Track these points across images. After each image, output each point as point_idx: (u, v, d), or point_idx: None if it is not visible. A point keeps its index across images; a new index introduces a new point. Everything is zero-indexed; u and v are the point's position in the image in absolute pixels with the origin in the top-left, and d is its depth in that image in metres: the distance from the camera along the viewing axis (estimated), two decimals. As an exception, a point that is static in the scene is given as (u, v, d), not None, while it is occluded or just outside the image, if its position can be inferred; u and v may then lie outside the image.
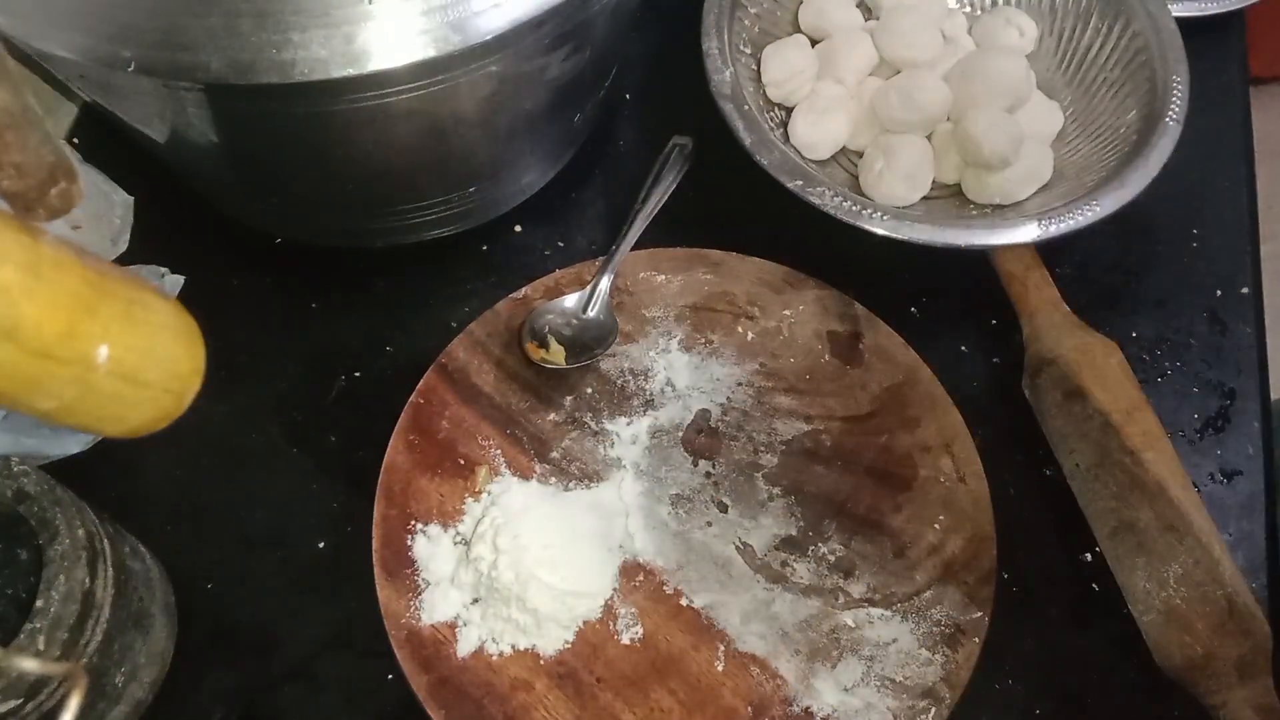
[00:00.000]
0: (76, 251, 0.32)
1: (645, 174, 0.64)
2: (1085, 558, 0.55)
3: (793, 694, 0.50)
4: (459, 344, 0.59)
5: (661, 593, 0.52)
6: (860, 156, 0.66)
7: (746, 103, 0.62)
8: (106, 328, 0.32)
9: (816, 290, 0.60)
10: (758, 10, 0.68)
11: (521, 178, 0.64)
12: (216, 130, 0.52)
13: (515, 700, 0.50)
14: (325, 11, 0.44)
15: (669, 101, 0.71)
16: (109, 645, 0.45)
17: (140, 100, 0.51)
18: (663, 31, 0.72)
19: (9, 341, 0.29)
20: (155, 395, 0.35)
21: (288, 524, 0.56)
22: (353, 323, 0.63)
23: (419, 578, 0.52)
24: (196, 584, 0.54)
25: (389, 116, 0.50)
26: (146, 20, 0.45)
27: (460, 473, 0.55)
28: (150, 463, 0.58)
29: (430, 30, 0.45)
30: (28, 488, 0.44)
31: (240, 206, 0.65)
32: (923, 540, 0.54)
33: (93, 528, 0.45)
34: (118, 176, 0.65)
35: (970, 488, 0.55)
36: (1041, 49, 0.69)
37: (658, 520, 0.54)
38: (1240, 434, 0.58)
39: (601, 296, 0.60)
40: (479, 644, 0.51)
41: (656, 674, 0.50)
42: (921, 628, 0.51)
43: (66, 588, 0.42)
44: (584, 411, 0.57)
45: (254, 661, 0.53)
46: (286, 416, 0.60)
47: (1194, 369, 0.61)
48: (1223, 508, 0.53)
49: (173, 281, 0.62)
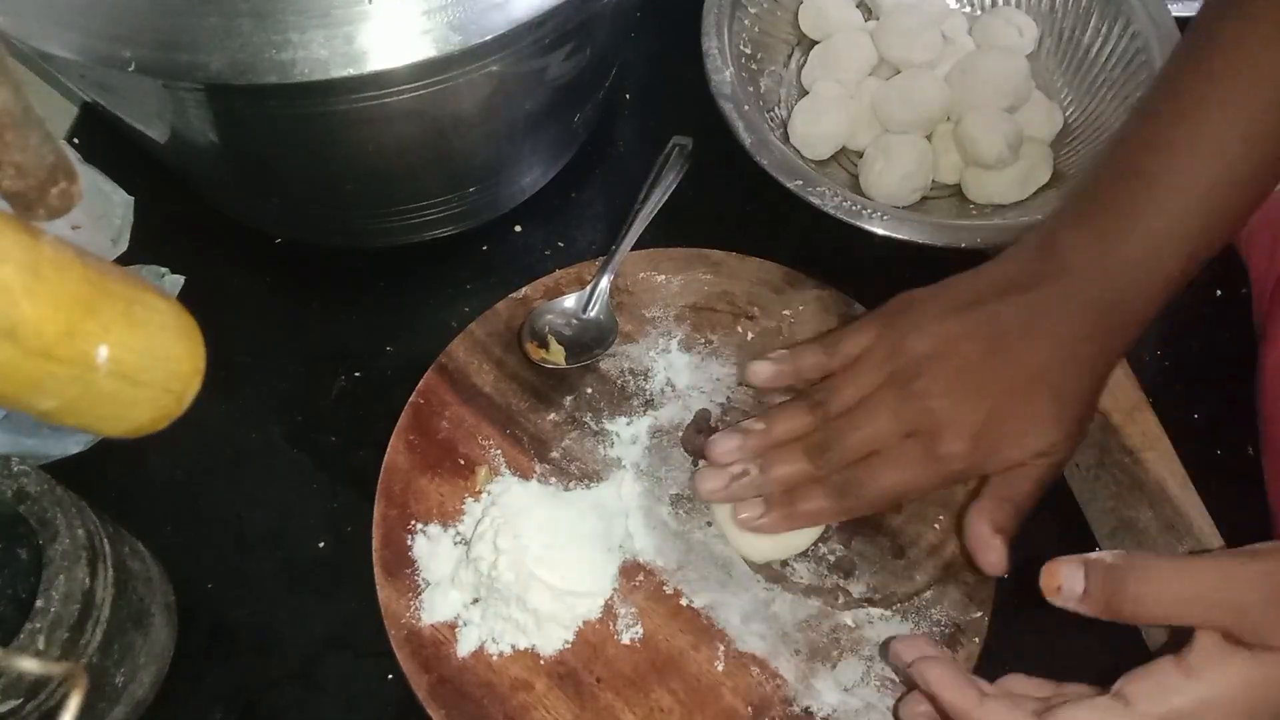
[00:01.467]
0: (76, 251, 0.32)
1: (645, 174, 0.64)
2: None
3: (793, 694, 0.50)
4: (459, 344, 0.59)
5: (661, 593, 0.52)
6: (860, 156, 0.66)
7: (746, 103, 0.62)
8: (107, 328, 0.32)
9: (816, 290, 0.60)
10: (757, 10, 0.68)
11: (521, 178, 0.64)
12: (216, 130, 0.52)
13: (515, 700, 0.50)
14: (325, 11, 0.44)
15: (669, 101, 0.71)
16: (109, 645, 0.45)
17: (140, 100, 0.51)
18: (663, 32, 0.72)
19: (9, 341, 0.29)
20: (155, 395, 0.35)
21: (288, 524, 0.56)
22: (353, 323, 0.63)
23: (419, 578, 0.52)
24: (196, 584, 0.54)
25: (389, 117, 0.50)
26: (147, 20, 0.45)
27: (460, 473, 0.55)
28: (150, 463, 0.58)
29: (430, 30, 0.45)
30: (28, 487, 0.44)
31: (240, 207, 0.65)
32: (922, 540, 0.54)
33: (93, 527, 0.45)
34: (118, 177, 0.65)
35: (970, 487, 0.55)
36: (1041, 49, 0.69)
37: (658, 520, 0.54)
38: (1240, 434, 0.58)
39: (601, 296, 0.60)
40: (479, 644, 0.51)
41: (656, 674, 0.50)
42: (921, 628, 0.51)
43: (66, 587, 0.42)
44: (584, 411, 0.57)
45: (254, 661, 0.53)
46: (287, 416, 0.60)
47: (1193, 369, 0.61)
48: (1222, 507, 0.53)
49: (173, 281, 0.62)
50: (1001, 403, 0.48)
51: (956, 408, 0.48)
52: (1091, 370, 0.48)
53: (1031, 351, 0.48)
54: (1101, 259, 0.47)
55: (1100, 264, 0.47)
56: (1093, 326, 0.47)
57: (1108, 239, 0.47)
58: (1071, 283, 0.47)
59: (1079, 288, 0.47)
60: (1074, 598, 0.42)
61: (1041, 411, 0.47)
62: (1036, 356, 0.47)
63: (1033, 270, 0.49)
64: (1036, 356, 0.47)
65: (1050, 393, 0.47)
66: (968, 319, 0.49)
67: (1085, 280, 0.47)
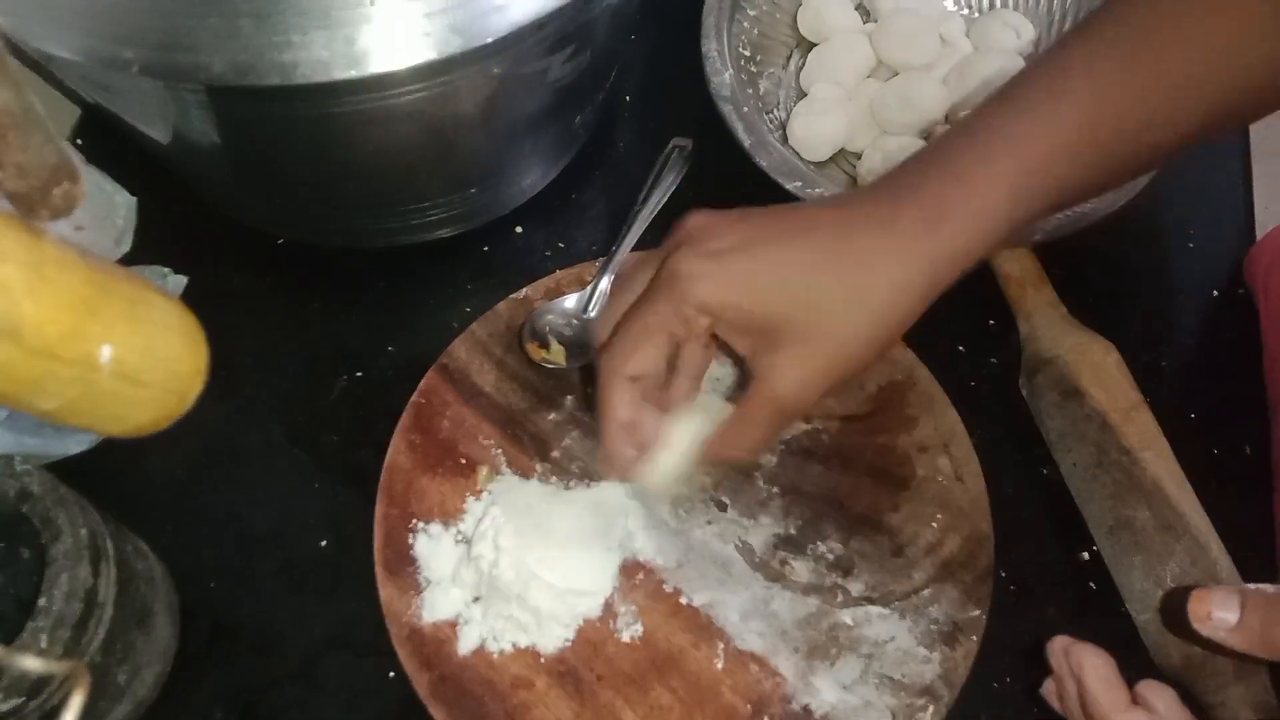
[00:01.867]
0: (79, 252, 0.32)
1: (645, 175, 0.64)
2: (1083, 557, 0.55)
3: (792, 692, 0.50)
4: (460, 344, 0.59)
5: (661, 591, 0.53)
6: (859, 158, 0.66)
7: (745, 104, 0.62)
8: (109, 328, 0.32)
9: (815, 290, 0.60)
10: (757, 13, 0.69)
11: (522, 179, 0.64)
12: (218, 131, 0.53)
13: (516, 698, 0.50)
14: (327, 13, 0.45)
15: (669, 103, 0.71)
16: (111, 644, 0.45)
17: (142, 101, 0.51)
18: (662, 34, 0.72)
19: (11, 341, 0.29)
20: (158, 395, 0.35)
21: (289, 523, 0.57)
22: (354, 323, 0.63)
23: (420, 576, 0.53)
24: (198, 583, 0.54)
25: (390, 118, 0.50)
26: (149, 22, 0.45)
27: (461, 472, 0.56)
28: (153, 462, 0.59)
29: (432, 33, 0.45)
30: (31, 487, 0.45)
31: (242, 207, 0.65)
32: (921, 539, 0.54)
33: (95, 527, 0.45)
34: (120, 178, 0.65)
35: (968, 487, 0.55)
36: (1039, 51, 0.69)
37: (657, 519, 0.54)
38: (1237, 433, 0.59)
39: (602, 297, 0.60)
40: (480, 642, 0.51)
41: (656, 672, 0.51)
42: (920, 626, 0.51)
43: (69, 586, 0.42)
44: (584, 411, 0.58)
45: (256, 660, 0.53)
46: (288, 416, 0.60)
47: (1191, 369, 0.61)
48: (1219, 507, 0.53)
49: (175, 282, 0.62)
50: (757, 238, 0.41)
51: (703, 227, 0.42)
52: (881, 260, 0.41)
53: (816, 218, 0.42)
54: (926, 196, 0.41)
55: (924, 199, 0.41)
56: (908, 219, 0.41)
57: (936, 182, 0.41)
58: (891, 206, 0.41)
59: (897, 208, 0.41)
60: (1225, 628, 0.40)
61: (798, 260, 0.41)
62: (821, 222, 0.42)
63: (855, 195, 0.45)
64: (821, 222, 0.42)
65: (814, 248, 0.41)
66: (767, 216, 0.43)
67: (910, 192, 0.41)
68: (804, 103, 0.66)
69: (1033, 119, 0.41)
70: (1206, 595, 0.40)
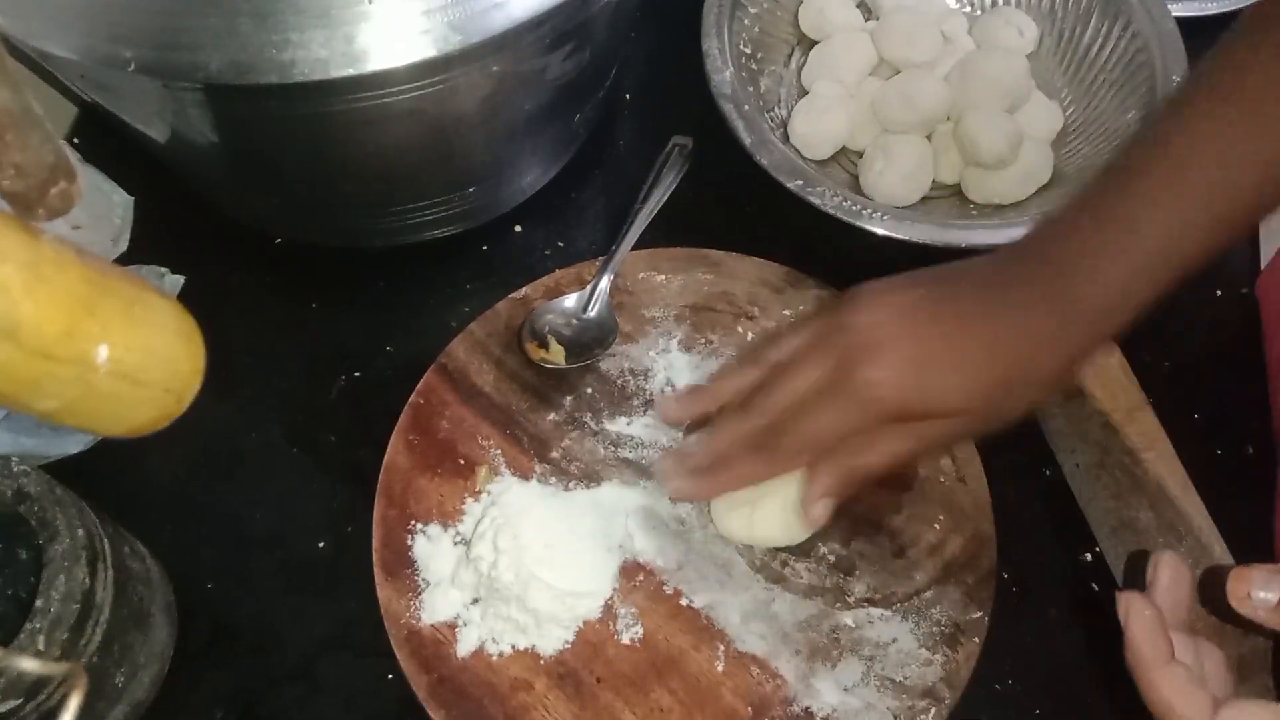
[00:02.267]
0: (76, 251, 0.32)
1: (645, 174, 0.64)
2: (1085, 558, 0.55)
3: (793, 694, 0.50)
4: (459, 344, 0.59)
5: (661, 592, 0.52)
6: (860, 156, 0.66)
7: (746, 103, 0.62)
8: (107, 327, 0.32)
9: (816, 290, 0.60)
10: (757, 10, 0.68)
11: (521, 178, 0.64)
12: (216, 130, 0.52)
13: (515, 700, 0.50)
14: (325, 12, 0.44)
15: (669, 101, 0.71)
16: (109, 645, 0.45)
17: (140, 100, 0.51)
18: (663, 32, 0.72)
19: (9, 341, 0.29)
20: (155, 395, 0.35)
21: (288, 524, 0.56)
22: (353, 322, 0.63)
23: (419, 578, 0.52)
24: (196, 584, 0.54)
25: (389, 117, 0.50)
26: (146, 20, 0.45)
27: (460, 472, 0.55)
28: (150, 463, 0.58)
29: (430, 30, 0.45)
30: (28, 488, 0.44)
31: (240, 207, 0.65)
32: (923, 540, 0.54)
33: (93, 527, 0.45)
34: (118, 177, 0.65)
35: (970, 488, 0.55)
36: (1041, 49, 0.69)
37: (658, 520, 0.54)
38: (1240, 434, 0.58)
39: (601, 296, 0.60)
40: (479, 644, 0.51)
41: (656, 674, 0.50)
42: (921, 628, 0.51)
43: (66, 587, 0.42)
44: (584, 411, 0.57)
45: (254, 661, 0.53)
46: (286, 416, 0.60)
47: (1193, 370, 0.61)
48: (1222, 507, 0.53)
49: (173, 281, 0.62)
50: (934, 342, 0.44)
51: (882, 333, 0.44)
52: (1039, 345, 0.44)
53: (981, 310, 0.45)
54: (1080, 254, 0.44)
55: (1077, 260, 0.44)
56: (1054, 303, 0.44)
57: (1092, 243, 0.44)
58: (1042, 268, 0.44)
59: (1050, 272, 0.44)
60: (1266, 607, 0.39)
61: (973, 360, 0.44)
62: (984, 314, 0.44)
63: (1005, 257, 0.46)
64: (984, 314, 0.44)
65: (985, 348, 0.44)
66: (922, 290, 0.46)
67: (1056, 267, 0.44)
68: (805, 101, 0.66)
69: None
70: (1247, 574, 0.40)
